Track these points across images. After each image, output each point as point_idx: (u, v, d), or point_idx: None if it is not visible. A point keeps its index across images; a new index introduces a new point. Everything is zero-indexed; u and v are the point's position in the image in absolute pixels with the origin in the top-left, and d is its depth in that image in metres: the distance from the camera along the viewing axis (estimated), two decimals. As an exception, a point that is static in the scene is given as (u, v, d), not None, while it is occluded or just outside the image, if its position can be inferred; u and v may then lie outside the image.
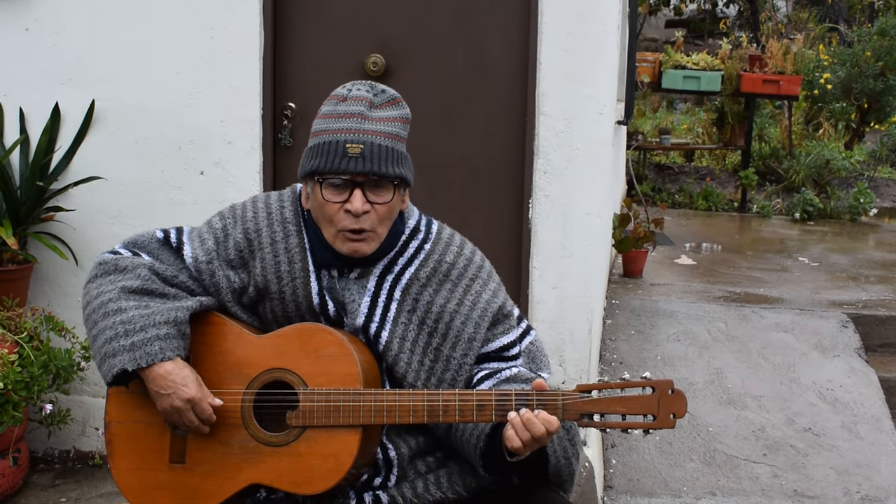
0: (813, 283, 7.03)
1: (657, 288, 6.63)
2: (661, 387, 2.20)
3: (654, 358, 5.34)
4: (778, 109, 11.73)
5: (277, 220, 2.43)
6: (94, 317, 2.35)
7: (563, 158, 3.86)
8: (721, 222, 9.60)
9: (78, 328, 3.97)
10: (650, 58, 10.01)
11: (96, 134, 4.11)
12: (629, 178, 9.55)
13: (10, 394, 3.57)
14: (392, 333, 2.39)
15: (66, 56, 4.08)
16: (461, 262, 2.47)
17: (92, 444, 4.22)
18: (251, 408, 2.31)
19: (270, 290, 2.40)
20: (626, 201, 7.10)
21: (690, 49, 12.06)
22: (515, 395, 2.22)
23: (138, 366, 2.26)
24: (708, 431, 4.61)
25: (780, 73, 9.74)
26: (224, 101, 4.02)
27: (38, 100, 4.11)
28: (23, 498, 3.87)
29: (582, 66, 3.82)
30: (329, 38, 4.04)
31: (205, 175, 4.06)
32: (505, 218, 4.00)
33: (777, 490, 4.17)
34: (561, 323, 3.94)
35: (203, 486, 2.31)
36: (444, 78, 3.99)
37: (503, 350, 2.47)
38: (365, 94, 2.34)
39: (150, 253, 2.45)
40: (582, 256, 3.92)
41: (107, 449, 2.39)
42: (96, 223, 4.14)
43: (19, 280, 4.04)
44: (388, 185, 2.32)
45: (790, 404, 4.93)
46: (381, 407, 2.25)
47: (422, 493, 2.39)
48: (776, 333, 5.75)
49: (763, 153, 10.93)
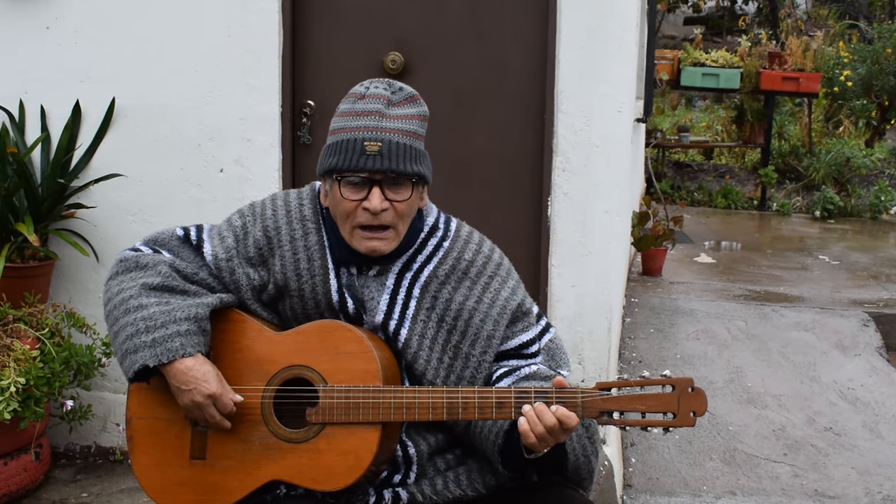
0: (833, 281, 7.00)
1: (676, 286, 6.61)
2: (681, 384, 2.19)
3: (674, 356, 5.33)
4: (798, 107, 11.68)
5: (297, 218, 2.44)
6: (115, 313, 2.36)
7: (582, 156, 3.85)
8: (740, 220, 9.57)
9: (99, 324, 3.99)
10: (669, 55, 9.99)
11: (116, 131, 4.13)
12: (648, 176, 9.52)
13: (31, 389, 3.59)
14: (411, 331, 2.39)
15: (87, 54, 4.10)
16: (480, 259, 2.47)
17: (113, 439, 4.24)
18: (271, 404, 2.32)
19: (290, 287, 2.41)
20: (644, 199, 7.09)
21: (709, 46, 12.02)
22: (535, 393, 2.21)
23: (159, 362, 2.27)
24: (728, 430, 4.59)
25: (799, 70, 9.70)
26: (243, 99, 4.03)
27: (58, 98, 4.13)
28: (44, 492, 3.89)
29: (600, 64, 3.81)
30: (348, 35, 4.05)
31: (224, 173, 4.08)
32: (524, 216, 3.99)
33: (797, 490, 4.15)
34: (580, 321, 3.93)
35: (223, 482, 2.32)
36: (463, 76, 3.98)
37: (522, 347, 2.46)
38: (382, 92, 2.34)
39: (170, 250, 2.46)
40: (601, 255, 3.90)
41: (128, 445, 2.40)
42: (116, 220, 4.16)
43: (41, 276, 4.06)
44: (407, 182, 2.32)
45: (811, 403, 4.91)
46: (400, 404, 2.25)
47: (441, 491, 2.39)
48: (796, 332, 5.73)
49: (783, 151, 10.89)
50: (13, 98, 4.15)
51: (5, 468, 3.70)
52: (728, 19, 14.75)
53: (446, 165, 3.85)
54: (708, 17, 15.36)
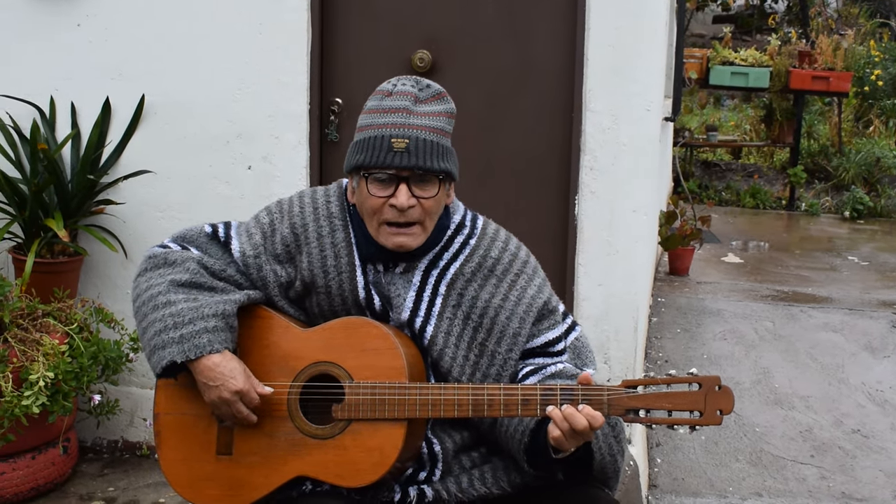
0: (862, 282, 6.95)
1: (704, 286, 6.59)
2: (708, 383, 2.18)
3: (701, 357, 5.31)
4: (827, 106, 11.59)
5: (324, 215, 2.45)
6: (143, 309, 2.37)
7: (610, 155, 3.84)
8: (769, 220, 9.51)
9: (127, 320, 4.02)
10: (697, 54, 9.94)
11: (145, 128, 4.15)
12: (676, 175, 9.48)
13: (60, 384, 3.62)
14: (437, 328, 2.39)
15: (117, 51, 4.12)
16: (506, 257, 2.47)
17: (139, 434, 4.27)
18: (297, 401, 2.33)
19: (317, 284, 2.42)
20: (672, 198, 7.07)
21: (738, 45, 11.95)
22: (560, 390, 2.21)
23: (187, 358, 2.28)
24: (755, 431, 4.57)
25: (829, 69, 9.62)
26: (271, 96, 4.04)
27: (89, 94, 4.16)
28: (72, 486, 3.93)
29: (629, 63, 3.79)
30: (376, 33, 4.05)
31: (252, 170, 4.09)
32: (551, 215, 3.98)
33: (824, 492, 4.12)
34: (606, 320, 3.91)
35: (249, 478, 2.33)
36: (491, 74, 3.98)
37: (548, 346, 2.46)
38: (410, 89, 2.34)
39: (198, 247, 2.48)
40: (628, 254, 3.89)
41: (155, 440, 2.42)
42: (145, 216, 4.18)
43: (70, 272, 4.10)
44: (434, 179, 2.32)
45: (838, 405, 4.88)
46: (425, 401, 2.26)
47: (466, 488, 2.39)
48: (824, 333, 5.69)
49: (812, 150, 10.81)
50: (44, 95, 4.19)
51: (33, 462, 3.73)
52: (757, 18, 14.65)
53: (473, 163, 3.85)
54: (737, 16, 15.26)
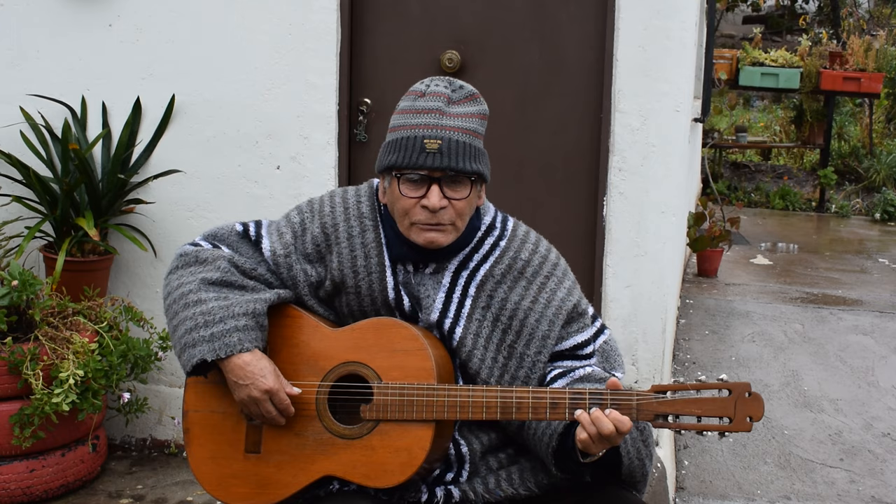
0: (893, 284, 6.89)
1: (732, 288, 6.55)
2: (738, 389, 2.16)
3: (729, 359, 5.28)
4: (858, 107, 11.50)
5: (354, 215, 2.45)
6: (174, 307, 2.39)
7: (639, 156, 3.82)
8: (798, 222, 9.44)
9: (156, 318, 4.04)
10: (727, 54, 9.89)
11: (176, 128, 4.18)
12: (704, 177, 9.44)
13: (90, 382, 3.64)
14: (466, 329, 2.39)
15: (148, 51, 4.15)
16: (536, 259, 2.46)
17: (168, 432, 4.30)
18: (326, 400, 2.33)
19: (347, 284, 2.42)
20: (701, 200, 7.03)
21: (768, 46, 11.87)
22: (589, 394, 2.20)
23: (217, 356, 2.29)
24: (783, 434, 4.54)
25: (861, 70, 9.55)
26: (301, 97, 4.05)
27: (120, 94, 4.19)
28: (101, 484, 3.95)
29: (659, 63, 3.78)
30: (405, 33, 4.06)
31: (281, 170, 4.11)
32: (579, 215, 3.97)
33: (854, 496, 4.09)
34: (634, 322, 3.90)
35: (277, 476, 2.34)
36: (520, 74, 3.98)
37: (577, 349, 2.45)
38: (443, 90, 2.35)
39: (229, 245, 2.49)
40: (656, 255, 3.87)
41: (184, 437, 2.43)
42: (175, 216, 4.21)
43: (100, 270, 4.12)
44: (466, 180, 2.32)
45: (868, 408, 4.83)
46: (454, 402, 2.26)
47: (493, 489, 2.39)
48: (854, 336, 5.65)
49: (842, 152, 10.73)
50: (76, 94, 4.22)
51: (63, 459, 3.76)
52: (788, 18, 14.58)
53: (502, 163, 3.84)
54: (767, 16, 15.19)
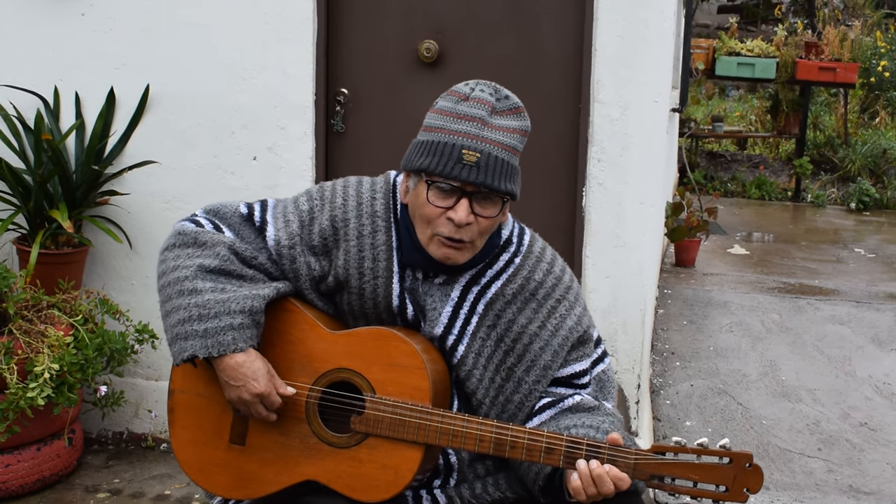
0: (869, 274, 6.92)
1: (710, 278, 6.57)
2: (739, 459, 2.12)
3: (707, 349, 5.29)
4: (833, 97, 11.55)
5: (367, 213, 2.35)
6: (168, 291, 2.30)
7: (618, 146, 3.81)
8: (774, 212, 9.48)
9: (132, 311, 4.01)
10: (704, 44, 9.91)
11: (150, 119, 4.13)
12: (681, 166, 9.46)
13: (65, 376, 3.61)
14: (469, 348, 2.33)
15: (121, 41, 4.10)
16: (550, 280, 2.39)
17: (145, 426, 4.26)
18: (316, 405, 2.29)
19: (351, 283, 2.34)
20: (678, 190, 7.04)
21: (744, 35, 11.91)
22: (587, 446, 2.15)
23: (209, 354, 2.22)
24: (761, 424, 4.55)
25: (836, 60, 9.58)
26: (277, 87, 4.02)
27: (93, 85, 4.14)
28: (77, 478, 3.92)
29: (638, 53, 3.77)
30: (382, 23, 4.03)
31: (257, 160, 4.07)
32: (558, 206, 3.96)
33: (832, 485, 4.10)
34: (613, 312, 3.90)
35: (260, 473, 2.31)
36: (499, 64, 3.95)
37: (574, 377, 2.39)
38: (488, 98, 2.24)
39: (231, 227, 2.38)
40: (635, 246, 3.87)
41: (168, 417, 2.38)
42: (150, 207, 4.16)
43: (74, 263, 4.08)
44: (497, 199, 2.23)
45: (846, 398, 4.86)
46: (447, 430, 2.20)
47: (480, 494, 2.36)
48: (831, 326, 5.67)
49: (818, 142, 10.77)
50: (48, 85, 4.17)
51: (39, 454, 3.73)
52: (763, 8, 14.61)
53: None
54: (743, 6, 15.22)
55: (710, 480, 2.13)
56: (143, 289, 4.16)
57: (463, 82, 2.29)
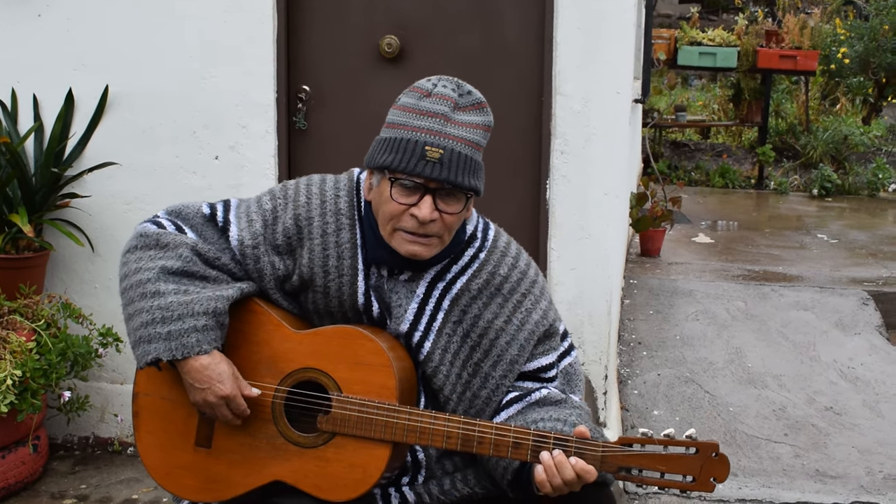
0: (832, 260, 6.99)
1: (675, 267, 6.60)
2: (706, 449, 2.14)
3: (673, 338, 5.32)
4: (795, 85, 11.65)
5: (331, 211, 2.34)
6: (130, 293, 2.27)
7: (581, 138, 3.82)
8: (738, 199, 9.55)
9: (95, 314, 3.97)
10: (665, 34, 9.95)
11: (110, 119, 4.09)
12: (645, 157, 9.50)
13: (28, 381, 3.56)
14: (435, 344, 2.32)
15: (79, 41, 4.05)
16: (515, 275, 2.38)
17: (111, 430, 4.22)
18: (282, 405, 2.28)
19: (315, 282, 2.33)
20: (643, 180, 7.07)
21: (706, 25, 11.97)
22: (554, 440, 2.15)
23: (173, 357, 2.20)
24: (728, 411, 4.58)
25: (796, 48, 9.67)
26: (238, 85, 3.99)
27: (51, 86, 4.09)
28: (43, 485, 3.88)
29: (598, 45, 3.77)
30: (343, 19, 4.01)
31: (219, 160, 4.04)
32: (522, 199, 3.96)
33: (799, 470, 4.14)
34: (579, 304, 3.91)
35: (227, 475, 2.30)
36: (460, 59, 3.95)
37: (541, 371, 2.39)
38: (450, 94, 2.23)
39: (193, 228, 2.36)
40: (600, 237, 3.88)
41: (133, 421, 2.36)
42: (112, 209, 4.12)
43: (36, 267, 4.03)
44: (461, 195, 2.22)
45: (811, 383, 4.90)
46: (414, 427, 2.20)
47: (448, 490, 2.35)
48: (796, 312, 5.72)
49: (780, 129, 10.86)
50: (5, 87, 4.11)
51: (3, 461, 3.68)
52: (724, -3, 14.67)
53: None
54: (703, -5, 15.26)
55: (678, 471, 2.14)
56: (106, 292, 4.12)
57: (425, 78, 2.28)
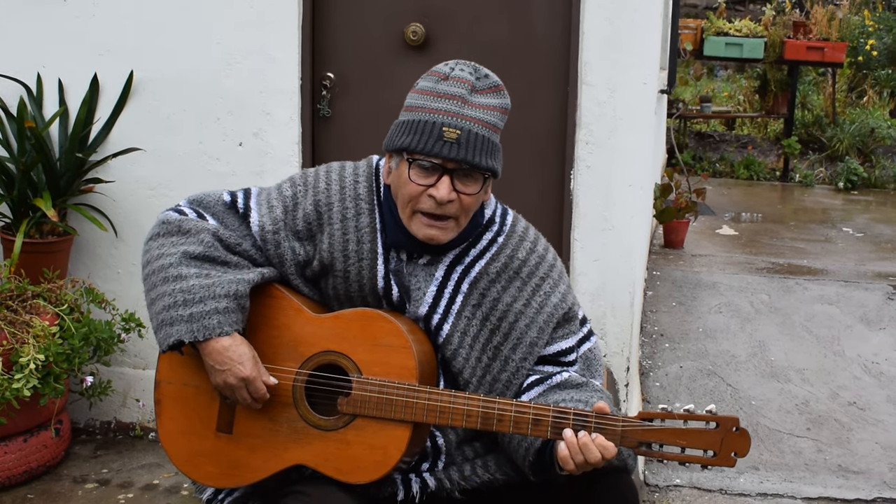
0: (857, 254, 6.93)
1: (699, 259, 6.56)
2: (726, 423, 2.13)
3: (696, 330, 5.29)
4: (821, 77, 11.54)
5: (350, 196, 2.37)
6: (153, 279, 2.30)
7: (606, 129, 3.79)
8: (763, 192, 9.48)
9: (118, 300, 3.98)
10: (692, 25, 9.88)
11: (135, 105, 4.09)
12: (670, 147, 9.44)
13: (51, 366, 3.58)
14: (454, 327, 2.33)
15: (105, 27, 4.06)
16: (533, 259, 2.40)
17: (132, 415, 4.24)
18: (303, 388, 2.28)
19: (335, 267, 2.35)
20: (667, 171, 7.03)
21: (732, 15, 11.88)
22: (574, 415, 2.15)
23: (195, 338, 2.23)
24: (751, 405, 4.55)
25: (824, 39, 9.57)
26: (262, 72, 3.98)
27: (76, 71, 4.09)
28: (65, 469, 3.90)
29: (626, 35, 3.74)
30: (368, 6, 3.99)
31: (243, 146, 4.04)
32: (546, 189, 3.94)
33: (821, 465, 4.11)
34: (602, 295, 3.89)
35: (248, 460, 2.30)
36: (486, 48, 3.92)
37: (560, 355, 2.40)
38: (467, 77, 2.26)
39: (215, 215, 2.39)
40: (624, 228, 3.85)
41: (155, 408, 2.38)
42: (135, 194, 4.13)
43: (59, 252, 4.05)
44: (478, 176, 2.25)
45: (834, 378, 4.86)
46: (434, 407, 2.20)
47: (469, 476, 2.36)
48: (820, 305, 5.67)
49: (806, 121, 10.77)
50: (31, 72, 4.12)
51: (25, 445, 3.70)
52: (751, -13, 14.55)
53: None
54: (730, -15, 15.16)
55: (698, 445, 2.14)
56: (129, 277, 4.13)
57: (443, 63, 2.31)
